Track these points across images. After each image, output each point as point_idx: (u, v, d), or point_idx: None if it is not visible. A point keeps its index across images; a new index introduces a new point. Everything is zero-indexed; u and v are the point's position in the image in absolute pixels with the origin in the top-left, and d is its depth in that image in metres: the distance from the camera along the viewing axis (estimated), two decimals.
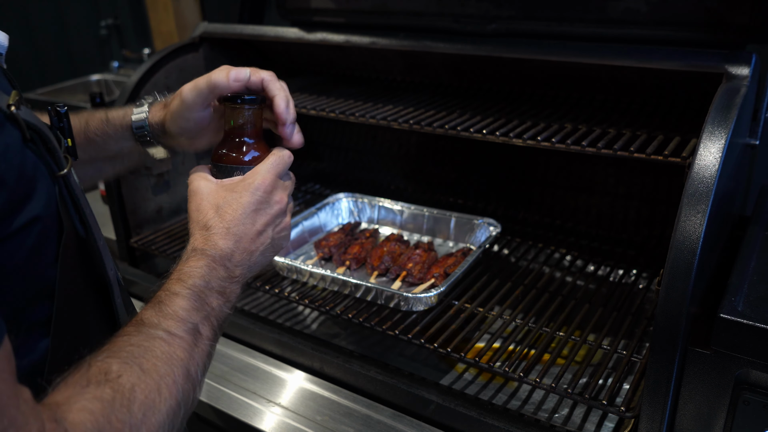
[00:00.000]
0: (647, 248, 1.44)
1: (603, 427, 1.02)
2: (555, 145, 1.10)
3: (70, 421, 0.51)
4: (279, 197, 0.82)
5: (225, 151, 0.86)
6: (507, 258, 1.46)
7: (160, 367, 0.61)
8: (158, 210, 1.65)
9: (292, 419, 1.14)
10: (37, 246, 0.61)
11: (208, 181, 0.83)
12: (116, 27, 3.60)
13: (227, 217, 0.77)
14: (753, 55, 1.01)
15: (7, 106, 0.60)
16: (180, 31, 2.81)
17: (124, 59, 3.61)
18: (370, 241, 1.48)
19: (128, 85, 1.54)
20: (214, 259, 0.75)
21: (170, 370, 0.61)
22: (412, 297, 1.18)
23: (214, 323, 0.71)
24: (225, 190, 0.81)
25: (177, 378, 0.61)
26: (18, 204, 0.59)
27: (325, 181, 1.94)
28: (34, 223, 0.60)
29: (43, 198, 0.62)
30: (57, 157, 0.66)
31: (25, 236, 0.60)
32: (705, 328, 0.86)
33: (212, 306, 0.71)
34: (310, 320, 1.33)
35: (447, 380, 1.13)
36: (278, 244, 0.83)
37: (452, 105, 1.36)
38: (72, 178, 0.69)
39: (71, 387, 0.55)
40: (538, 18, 1.39)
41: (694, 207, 0.83)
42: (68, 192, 0.68)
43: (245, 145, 0.86)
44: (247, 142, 0.87)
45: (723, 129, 0.89)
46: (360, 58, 1.65)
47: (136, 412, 0.56)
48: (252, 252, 0.79)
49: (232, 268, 0.76)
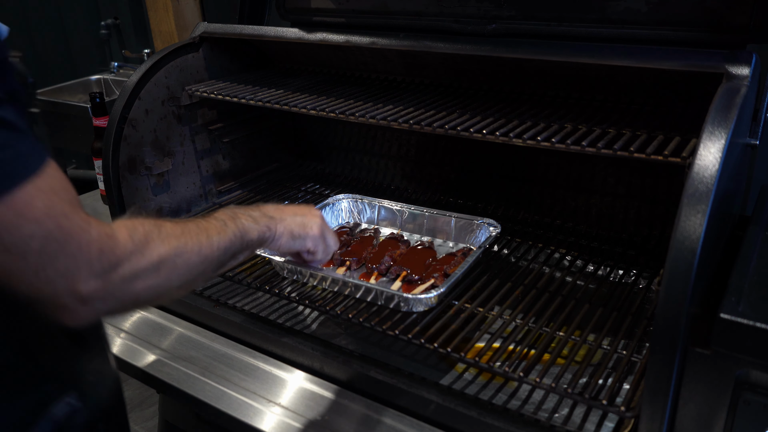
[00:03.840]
0: (647, 248, 1.44)
1: (603, 427, 1.02)
2: (555, 145, 1.10)
3: (115, 225, 0.75)
4: (315, 219, 1.16)
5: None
6: (507, 258, 1.46)
7: (191, 226, 0.86)
8: (158, 210, 1.65)
9: (292, 419, 1.14)
10: None
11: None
12: (116, 27, 3.60)
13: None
14: (753, 55, 1.01)
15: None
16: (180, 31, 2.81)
17: (124, 59, 3.61)
18: (370, 241, 1.48)
19: (128, 85, 1.54)
20: (254, 207, 1.06)
21: (198, 232, 0.86)
22: (412, 297, 1.18)
23: (240, 225, 0.96)
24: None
25: (201, 235, 0.86)
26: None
27: (325, 181, 1.94)
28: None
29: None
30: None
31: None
32: (705, 328, 0.86)
33: (240, 219, 0.97)
34: (310, 320, 1.33)
35: (447, 380, 1.13)
36: (309, 220, 1.14)
37: (452, 105, 1.36)
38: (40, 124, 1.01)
39: (126, 220, 0.78)
40: (538, 18, 1.39)
41: (694, 207, 0.83)
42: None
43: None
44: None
45: (723, 129, 0.89)
46: (360, 58, 1.65)
47: (164, 234, 0.79)
48: (283, 210, 1.10)
49: (265, 211, 1.06)
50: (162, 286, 0.78)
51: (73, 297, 0.69)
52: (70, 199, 0.70)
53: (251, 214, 1.02)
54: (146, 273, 0.76)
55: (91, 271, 0.69)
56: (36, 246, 0.65)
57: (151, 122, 1.59)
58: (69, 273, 0.68)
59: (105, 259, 0.71)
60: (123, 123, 1.52)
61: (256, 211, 1.05)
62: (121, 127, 1.51)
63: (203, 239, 0.85)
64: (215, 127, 1.77)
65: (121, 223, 0.77)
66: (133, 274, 0.74)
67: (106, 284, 0.71)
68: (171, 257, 0.79)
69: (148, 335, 1.40)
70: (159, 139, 1.62)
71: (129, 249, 0.74)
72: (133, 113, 1.54)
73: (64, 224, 0.67)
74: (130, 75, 1.65)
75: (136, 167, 1.57)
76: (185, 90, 1.64)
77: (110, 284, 0.71)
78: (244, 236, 0.96)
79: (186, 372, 1.28)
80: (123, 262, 0.73)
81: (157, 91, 1.59)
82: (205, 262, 0.86)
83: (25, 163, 0.66)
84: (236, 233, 0.93)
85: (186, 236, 0.83)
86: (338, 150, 1.99)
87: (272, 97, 1.49)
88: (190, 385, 1.25)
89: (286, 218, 1.09)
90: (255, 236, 0.99)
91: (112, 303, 0.73)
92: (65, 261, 0.67)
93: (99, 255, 0.70)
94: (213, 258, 0.87)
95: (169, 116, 1.64)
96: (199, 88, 1.62)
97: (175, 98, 1.64)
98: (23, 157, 0.66)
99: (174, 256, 0.79)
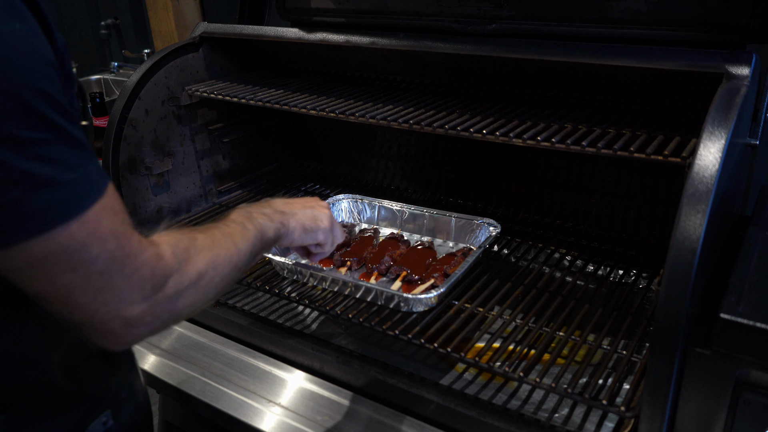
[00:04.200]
0: (647, 248, 1.44)
1: (603, 427, 1.02)
2: (555, 145, 1.10)
3: (160, 242, 0.75)
4: (324, 210, 1.14)
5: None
6: (507, 258, 1.46)
7: (218, 235, 0.86)
8: (158, 210, 1.65)
9: (292, 419, 1.14)
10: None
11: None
12: (116, 27, 3.60)
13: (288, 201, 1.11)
14: (753, 55, 1.01)
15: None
16: (180, 31, 2.81)
17: (124, 59, 3.61)
18: (370, 241, 1.48)
19: (128, 85, 1.54)
20: (264, 204, 1.05)
21: (225, 240, 0.86)
22: (412, 297, 1.18)
23: (257, 225, 0.95)
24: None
25: (229, 244, 0.86)
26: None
27: (325, 181, 1.94)
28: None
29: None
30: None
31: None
32: (705, 328, 0.86)
33: (257, 219, 0.97)
34: (310, 320, 1.33)
35: (447, 380, 1.13)
36: (319, 213, 1.11)
37: (452, 105, 1.36)
38: (91, 130, 0.99)
39: (165, 235, 0.78)
40: (538, 18, 1.39)
41: (694, 207, 0.83)
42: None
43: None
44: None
45: (723, 129, 0.89)
46: (360, 58, 1.65)
47: (199, 248, 0.80)
48: (292, 204, 1.08)
49: (275, 206, 1.05)
50: (201, 300, 0.79)
51: (122, 321, 0.68)
52: (127, 219, 0.70)
53: (264, 211, 1.00)
54: (188, 290, 0.75)
55: (142, 294, 0.69)
56: (100, 266, 0.65)
57: (151, 122, 1.59)
58: (123, 295, 0.68)
59: (155, 280, 0.71)
60: (123, 123, 1.52)
61: (267, 207, 1.03)
62: (121, 127, 1.51)
63: (232, 248, 0.85)
64: (215, 127, 1.77)
65: (164, 238, 0.76)
66: (177, 293, 0.74)
67: (153, 306, 0.71)
68: (208, 271, 0.79)
69: None
70: (159, 139, 1.62)
71: (173, 268, 0.74)
72: (133, 113, 1.54)
73: (124, 245, 0.68)
74: (130, 75, 1.65)
75: (136, 167, 1.57)
76: (185, 90, 1.64)
77: (156, 306, 0.71)
78: (263, 236, 0.95)
79: (186, 372, 1.28)
80: (168, 281, 0.73)
81: (157, 91, 1.59)
82: (235, 270, 0.86)
83: (95, 184, 0.67)
84: (256, 235, 0.93)
85: (217, 247, 0.83)
86: (338, 150, 1.99)
87: (272, 97, 1.49)
88: (190, 385, 1.25)
89: (297, 212, 1.08)
90: (272, 234, 0.99)
91: (156, 324, 0.73)
92: (121, 282, 0.67)
93: (151, 277, 0.70)
94: (241, 265, 0.87)
95: (169, 116, 1.64)
96: (199, 88, 1.62)
97: (175, 98, 1.64)
98: (93, 178, 0.67)
99: (210, 269, 0.79)
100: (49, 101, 0.63)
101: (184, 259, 0.76)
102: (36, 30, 0.65)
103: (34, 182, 0.61)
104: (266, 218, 0.98)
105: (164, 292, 0.72)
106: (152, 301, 0.70)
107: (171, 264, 0.74)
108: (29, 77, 0.62)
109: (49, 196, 0.61)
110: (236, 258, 0.86)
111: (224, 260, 0.83)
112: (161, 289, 0.72)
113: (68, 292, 0.65)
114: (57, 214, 0.62)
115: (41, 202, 0.61)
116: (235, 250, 0.86)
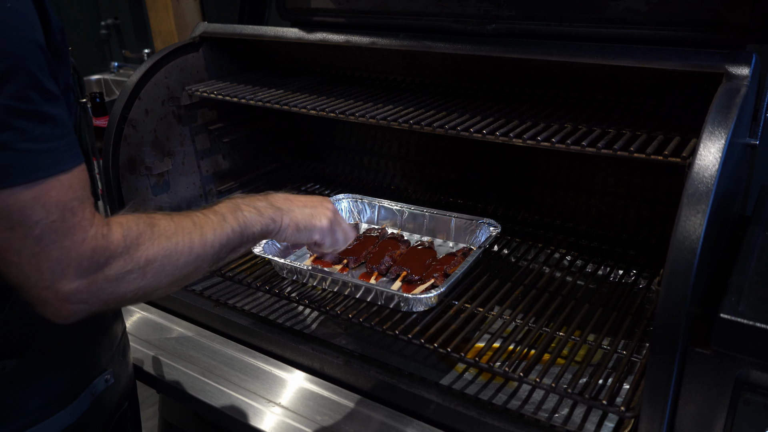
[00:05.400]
0: (647, 248, 1.44)
1: (603, 427, 1.02)
2: (555, 145, 1.09)
3: (112, 223, 0.76)
4: (328, 208, 1.11)
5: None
6: (507, 258, 1.46)
7: (187, 224, 0.85)
8: (158, 210, 1.65)
9: (292, 419, 1.14)
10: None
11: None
12: (116, 27, 3.60)
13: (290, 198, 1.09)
14: (753, 55, 1.01)
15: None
16: (180, 31, 2.81)
17: (124, 59, 3.61)
18: (373, 241, 1.48)
19: (128, 85, 1.54)
20: (262, 197, 1.03)
21: (193, 230, 0.85)
22: (412, 297, 1.18)
23: (240, 219, 0.93)
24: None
25: (195, 234, 0.84)
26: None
27: (325, 181, 1.94)
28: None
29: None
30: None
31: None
32: (705, 328, 0.86)
33: (243, 212, 0.95)
34: (310, 320, 1.33)
35: (447, 380, 1.13)
36: (319, 212, 1.09)
37: (452, 105, 1.36)
38: (88, 112, 1.00)
39: (122, 215, 0.79)
40: (538, 18, 1.39)
41: (694, 207, 0.83)
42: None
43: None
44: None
45: (723, 129, 0.89)
46: (360, 58, 1.65)
47: (155, 234, 0.79)
48: (292, 201, 1.06)
49: (273, 201, 1.03)
50: (148, 287, 0.79)
51: (55, 293, 0.71)
52: (81, 197, 0.72)
53: (256, 205, 0.99)
54: (132, 275, 0.76)
55: (79, 270, 0.71)
56: (38, 232, 0.68)
57: (151, 122, 1.59)
58: (58, 267, 0.70)
59: (95, 260, 0.72)
60: (123, 123, 1.52)
61: (263, 201, 1.02)
62: (121, 127, 1.51)
63: (196, 237, 0.84)
64: (215, 127, 1.77)
65: (118, 220, 0.77)
66: (119, 275, 0.75)
67: (90, 285, 0.72)
68: (159, 259, 0.79)
69: (148, 335, 1.40)
70: (159, 139, 1.62)
71: (119, 250, 0.74)
72: (133, 113, 1.53)
73: (69, 218, 0.70)
74: (130, 75, 1.65)
75: (136, 167, 1.57)
76: (185, 90, 1.64)
77: (94, 285, 0.73)
78: (245, 231, 0.94)
79: (186, 372, 1.28)
80: (111, 263, 0.74)
81: (157, 91, 1.59)
82: (198, 260, 0.85)
83: (59, 159, 0.70)
84: (235, 228, 0.92)
85: (178, 235, 0.82)
86: (338, 150, 1.99)
87: (272, 97, 1.49)
88: (190, 385, 1.25)
89: (294, 209, 1.06)
90: (258, 229, 0.97)
91: (96, 303, 0.74)
92: (58, 254, 0.69)
93: (91, 254, 0.72)
94: (206, 255, 0.86)
95: (169, 116, 1.64)
96: (199, 88, 1.62)
97: (175, 98, 1.64)
98: (59, 154, 0.70)
99: (162, 257, 0.79)
100: (26, 76, 0.68)
101: (134, 243, 0.76)
102: (27, 8, 0.70)
103: None
104: (255, 212, 0.98)
105: (104, 273, 0.73)
106: (90, 279, 0.72)
107: (117, 246, 0.74)
108: (10, 51, 0.66)
109: (1, 160, 0.66)
110: (200, 249, 0.85)
111: (182, 250, 0.82)
112: (101, 270, 0.73)
113: (4, 248, 0.69)
114: (5, 177, 0.67)
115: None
116: (199, 241, 0.85)
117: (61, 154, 0.71)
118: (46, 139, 0.69)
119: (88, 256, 0.71)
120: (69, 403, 0.95)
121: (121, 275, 0.75)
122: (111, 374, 1.03)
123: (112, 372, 1.04)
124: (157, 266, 0.78)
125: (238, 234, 0.93)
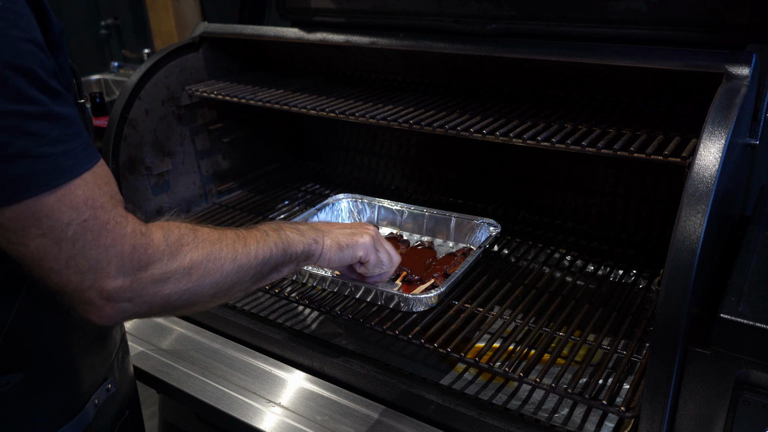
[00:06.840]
0: (647, 248, 1.44)
1: (603, 427, 1.02)
2: (555, 145, 1.10)
3: (151, 225, 0.75)
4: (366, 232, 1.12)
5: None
6: (507, 258, 1.46)
7: (229, 233, 0.84)
8: (158, 210, 1.65)
9: (292, 419, 1.14)
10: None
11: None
12: (116, 27, 3.60)
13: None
14: (753, 55, 1.01)
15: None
16: (180, 31, 2.81)
17: (124, 59, 3.61)
18: None
19: (128, 85, 1.54)
20: (304, 222, 1.08)
21: (236, 240, 0.84)
22: (412, 297, 1.18)
23: (283, 236, 0.94)
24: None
25: (238, 243, 0.84)
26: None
27: (325, 181, 1.94)
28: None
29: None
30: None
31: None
32: (705, 328, 0.86)
33: (285, 231, 0.96)
34: (310, 320, 1.33)
35: (447, 380, 1.13)
36: (360, 231, 1.11)
37: (452, 105, 1.36)
38: (87, 112, 1.00)
39: (165, 222, 0.78)
40: (538, 18, 1.39)
41: (694, 207, 0.83)
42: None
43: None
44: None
45: (723, 129, 0.89)
46: (360, 58, 1.65)
47: (199, 239, 0.78)
48: (332, 225, 1.10)
49: (314, 224, 1.06)
50: (193, 291, 0.77)
51: (98, 293, 0.69)
52: (111, 193, 0.71)
53: (298, 227, 1.00)
54: (177, 276, 0.75)
55: (121, 268, 0.70)
56: (71, 233, 0.66)
57: (151, 122, 1.59)
58: (99, 266, 0.68)
59: (136, 258, 0.71)
60: (123, 123, 1.52)
61: (305, 225, 1.04)
62: (121, 127, 1.52)
63: (239, 247, 0.84)
64: (215, 127, 1.78)
65: (157, 224, 0.77)
66: (164, 276, 0.74)
67: (135, 283, 0.71)
68: (203, 262, 0.78)
69: (148, 335, 1.40)
70: (159, 139, 1.62)
71: (162, 250, 0.73)
72: (133, 113, 1.54)
73: (100, 215, 0.68)
74: (130, 75, 1.65)
75: (136, 167, 1.57)
76: (185, 90, 1.64)
77: (138, 284, 0.71)
78: (287, 248, 0.93)
79: (186, 372, 1.28)
80: (154, 263, 0.73)
81: (157, 91, 1.59)
82: (241, 271, 0.84)
83: (79, 159, 0.68)
84: (278, 244, 0.91)
85: (221, 242, 0.82)
86: (338, 150, 1.99)
87: (272, 97, 1.49)
88: (190, 385, 1.25)
89: (335, 230, 1.07)
90: (300, 249, 0.96)
91: (140, 304, 0.73)
92: (96, 253, 0.68)
93: (131, 252, 0.70)
94: (250, 267, 0.85)
95: (169, 116, 1.64)
96: (199, 88, 1.62)
97: (175, 98, 1.64)
98: (77, 153, 0.68)
99: (206, 261, 0.78)
100: (30, 77, 0.65)
101: (177, 244, 0.76)
102: (21, 7, 0.67)
103: (8, 154, 0.63)
104: (297, 232, 0.98)
105: (148, 272, 0.72)
106: (133, 278, 0.71)
107: (159, 247, 0.73)
108: (8, 52, 0.64)
109: (22, 168, 0.64)
110: (243, 259, 0.84)
111: (226, 257, 0.81)
112: (144, 269, 0.72)
113: (40, 256, 0.66)
114: (29, 185, 0.64)
115: (15, 173, 0.63)
116: (243, 251, 0.84)
117: (80, 153, 0.69)
118: (63, 141, 0.67)
119: (128, 253, 0.70)
120: (72, 417, 0.93)
121: (165, 275, 0.74)
122: (112, 383, 1.02)
123: (113, 381, 1.02)
124: (202, 270, 0.78)
125: (281, 250, 0.92)
